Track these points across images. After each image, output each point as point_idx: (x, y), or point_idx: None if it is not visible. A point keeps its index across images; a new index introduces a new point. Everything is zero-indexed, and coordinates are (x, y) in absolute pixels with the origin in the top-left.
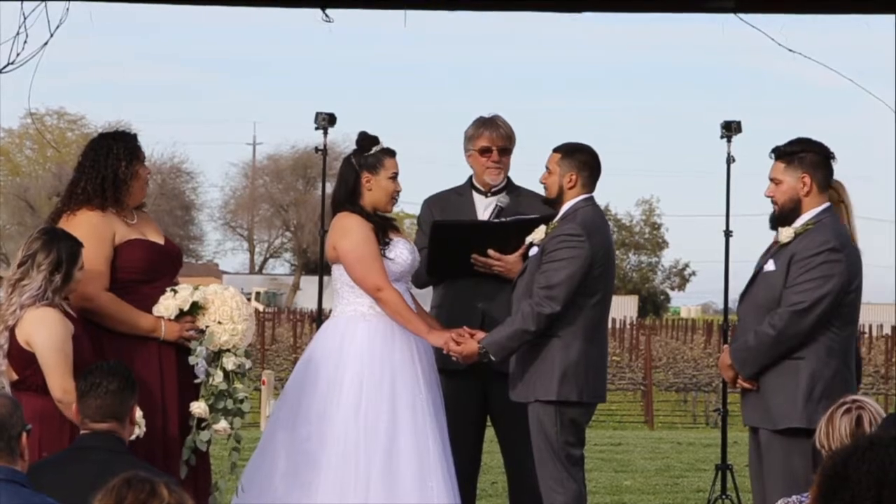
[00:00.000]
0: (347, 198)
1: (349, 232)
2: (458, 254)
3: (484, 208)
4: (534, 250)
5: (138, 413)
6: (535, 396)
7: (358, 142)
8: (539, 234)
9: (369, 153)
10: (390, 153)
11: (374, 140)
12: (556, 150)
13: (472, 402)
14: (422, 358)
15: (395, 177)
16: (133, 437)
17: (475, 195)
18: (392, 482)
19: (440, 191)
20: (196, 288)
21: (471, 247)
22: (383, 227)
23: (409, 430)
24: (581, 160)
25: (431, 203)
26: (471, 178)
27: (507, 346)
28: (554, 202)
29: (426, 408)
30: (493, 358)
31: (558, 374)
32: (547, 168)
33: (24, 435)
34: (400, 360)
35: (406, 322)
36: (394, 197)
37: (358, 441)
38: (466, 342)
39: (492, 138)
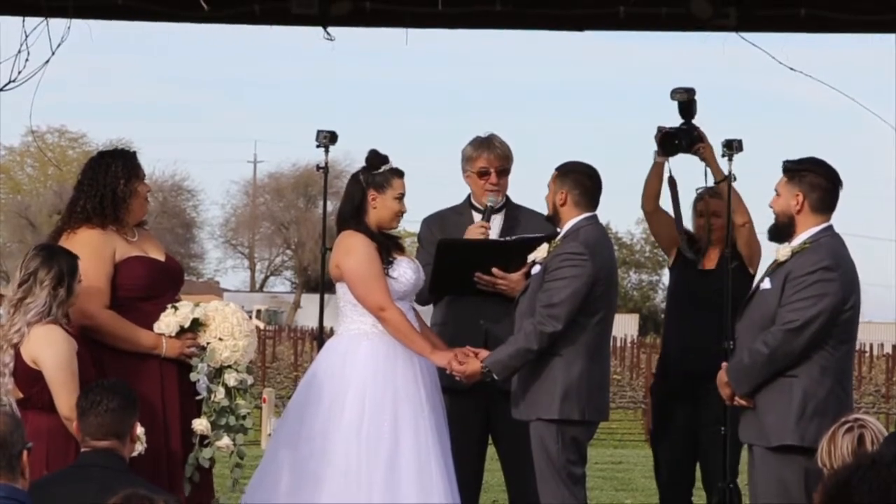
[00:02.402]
0: (353, 214)
1: (353, 250)
2: (461, 272)
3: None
4: (536, 268)
5: (139, 430)
6: (537, 415)
7: (367, 159)
8: (542, 252)
9: (378, 171)
10: (398, 173)
11: (384, 159)
12: (556, 169)
13: (475, 420)
14: (425, 377)
15: (401, 197)
16: (134, 453)
17: (474, 214)
18: (394, 501)
19: (439, 210)
20: (197, 305)
21: (474, 265)
22: (387, 247)
23: (411, 449)
24: (574, 179)
25: (431, 222)
26: (469, 196)
27: (510, 364)
28: (551, 219)
29: (428, 427)
30: (495, 377)
31: (560, 392)
32: (548, 185)
33: (26, 453)
34: (403, 379)
35: (409, 341)
36: (398, 216)
37: (360, 460)
38: (469, 362)
39: (489, 160)
